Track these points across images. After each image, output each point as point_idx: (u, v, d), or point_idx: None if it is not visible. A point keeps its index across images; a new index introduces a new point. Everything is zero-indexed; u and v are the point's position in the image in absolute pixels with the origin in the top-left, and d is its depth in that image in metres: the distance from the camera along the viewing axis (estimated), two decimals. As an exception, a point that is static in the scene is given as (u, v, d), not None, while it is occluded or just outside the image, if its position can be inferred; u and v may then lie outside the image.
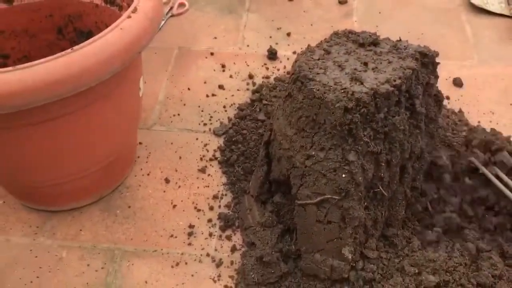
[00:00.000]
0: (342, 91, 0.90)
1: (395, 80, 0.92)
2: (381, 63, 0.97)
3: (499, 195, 1.02)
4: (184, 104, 1.39)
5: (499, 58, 1.53)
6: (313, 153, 0.95)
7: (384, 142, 0.94)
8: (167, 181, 1.21)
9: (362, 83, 0.91)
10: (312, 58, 1.00)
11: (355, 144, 0.91)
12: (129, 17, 0.88)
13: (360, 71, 0.95)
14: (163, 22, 1.64)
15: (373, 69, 0.95)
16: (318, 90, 0.92)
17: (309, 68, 0.96)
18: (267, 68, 1.50)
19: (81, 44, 0.82)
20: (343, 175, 0.92)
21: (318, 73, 0.95)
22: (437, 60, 1.05)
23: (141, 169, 1.24)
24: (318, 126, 0.93)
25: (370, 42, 1.03)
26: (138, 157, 1.26)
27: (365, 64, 0.96)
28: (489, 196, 1.03)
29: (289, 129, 0.99)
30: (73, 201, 1.14)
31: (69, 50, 0.80)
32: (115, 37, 0.84)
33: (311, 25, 1.65)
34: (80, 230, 1.12)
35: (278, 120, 1.04)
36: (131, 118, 1.08)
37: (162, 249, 1.09)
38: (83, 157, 1.02)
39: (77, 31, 1.19)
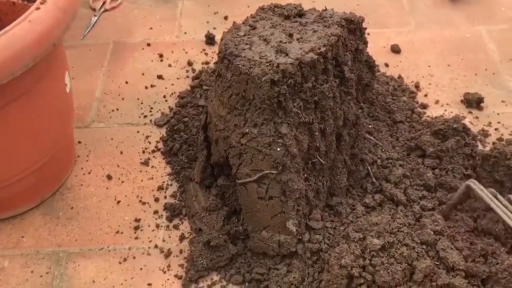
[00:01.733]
0: (268, 64, 0.89)
1: (319, 48, 0.91)
2: (306, 33, 0.96)
3: None
4: (123, 98, 1.36)
5: (435, 22, 1.55)
6: (247, 130, 0.93)
7: (316, 112, 0.93)
8: (109, 177, 1.18)
9: (287, 55, 0.90)
10: (238, 35, 0.98)
11: (286, 116, 0.90)
12: (37, 8, 0.84)
13: (285, 43, 0.94)
14: (96, 18, 1.60)
15: (298, 39, 0.94)
16: (243, 65, 0.90)
17: (235, 45, 0.95)
18: (206, 54, 1.48)
19: (-14, 40, 0.78)
20: (278, 149, 0.91)
21: (244, 49, 0.93)
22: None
23: (82, 168, 1.20)
24: (248, 103, 0.92)
25: (296, 13, 1.02)
26: (78, 156, 1.22)
27: (290, 35, 0.95)
28: None
29: (222, 109, 0.97)
30: (12, 208, 1.10)
31: (-28, 47, 0.76)
32: (23, 30, 0.81)
33: (248, 6, 1.63)
34: (22, 237, 1.08)
35: (212, 101, 1.02)
36: (61, 116, 1.04)
37: (108, 246, 1.06)
38: (12, 161, 0.98)
39: (-3, 32, 1.13)
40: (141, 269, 1.02)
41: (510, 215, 0.93)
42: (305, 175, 0.96)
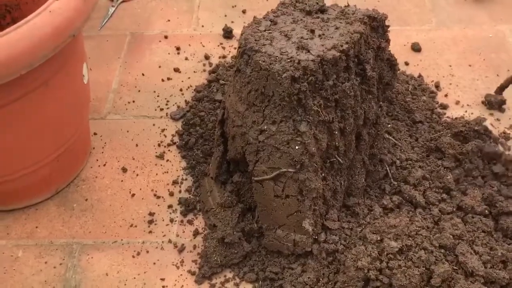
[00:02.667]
0: (289, 60, 0.87)
1: (342, 45, 0.89)
2: (328, 29, 0.94)
3: None
4: (139, 91, 1.35)
5: (457, 20, 1.52)
6: (265, 127, 0.92)
7: (336, 110, 0.92)
8: (124, 170, 1.17)
9: (308, 51, 0.89)
10: (258, 30, 0.96)
11: (305, 114, 0.89)
12: (58, -2, 0.83)
13: (306, 39, 0.92)
14: (113, 9, 1.59)
15: (319, 36, 0.92)
16: (264, 61, 0.88)
17: (255, 40, 0.93)
18: (224, 48, 1.46)
19: (6, 30, 0.77)
20: (296, 147, 0.89)
21: (264, 44, 0.92)
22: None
23: (97, 160, 1.20)
24: (267, 99, 0.90)
25: (317, 9, 1.00)
26: (93, 148, 1.22)
27: (312, 31, 0.93)
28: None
29: (240, 105, 0.96)
30: (26, 198, 1.10)
31: (-8, 36, 0.76)
32: (44, 20, 0.80)
33: (267, 0, 1.61)
34: (36, 227, 1.08)
35: (230, 97, 1.01)
36: (78, 107, 1.04)
37: (122, 240, 1.05)
38: (29, 150, 0.98)
39: (15, 21, 1.13)
40: (154, 263, 1.01)
41: None
42: (323, 175, 0.94)
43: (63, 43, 0.83)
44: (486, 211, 0.98)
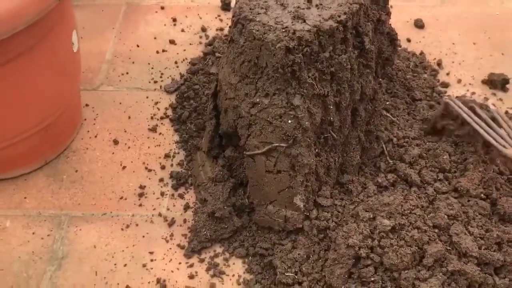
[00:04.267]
0: (283, 30, 0.84)
1: (339, 16, 0.86)
2: (326, -1, 0.90)
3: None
4: (133, 62, 1.32)
5: (462, -4, 1.47)
6: (258, 100, 0.89)
7: (331, 84, 0.88)
8: (115, 142, 1.15)
9: (304, 21, 0.85)
10: (254, -2, 0.93)
11: (299, 87, 0.86)
12: (43, -40, 0.80)
13: (303, 8, 0.88)
14: (109, -22, 1.54)
15: (317, 5, 0.89)
16: (257, 30, 0.85)
17: (250, 9, 0.89)
18: (221, 20, 1.43)
19: (-13, -9, 0.74)
20: (289, 121, 0.87)
21: (259, 13, 0.88)
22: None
23: (88, 131, 1.17)
24: (260, 71, 0.87)
25: (316, -21, 0.96)
26: (85, 119, 1.20)
27: (309, 1, 0.90)
28: None
29: (233, 77, 0.93)
30: (15, 168, 1.08)
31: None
32: (27, -18, 0.76)
33: (267, -28, 1.56)
34: (25, 197, 1.07)
35: (223, 68, 0.98)
36: (66, 75, 1.01)
37: (111, 212, 1.04)
38: (15, 119, 0.95)
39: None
40: (143, 236, 1.00)
41: (486, 128, 0.97)
42: (316, 150, 0.92)
43: (48, 8, 0.80)
44: (482, 194, 0.96)
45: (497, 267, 0.86)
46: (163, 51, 1.34)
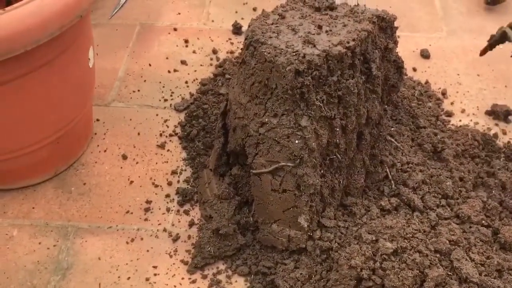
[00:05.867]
0: (294, 53, 0.87)
1: (348, 42, 0.89)
2: (336, 26, 0.94)
3: None
4: (145, 80, 1.35)
5: (468, 30, 1.51)
6: (266, 120, 0.91)
7: (338, 107, 0.91)
8: (124, 157, 1.17)
9: (314, 46, 0.88)
10: (266, 22, 0.96)
11: (307, 108, 0.88)
12: (67, -22, 0.84)
13: (313, 34, 0.92)
14: (125, -1, 1.59)
15: (327, 32, 0.92)
16: (269, 53, 0.88)
17: (262, 33, 0.93)
18: (232, 43, 1.47)
19: (14, 5, 0.78)
20: (296, 141, 0.89)
21: (270, 37, 0.91)
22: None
23: (98, 145, 1.20)
24: (270, 92, 0.90)
25: (326, 6, 1.00)
26: (95, 133, 1.22)
27: (319, 27, 0.93)
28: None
29: (243, 97, 0.96)
30: (25, 178, 1.10)
31: (0, 10, 0.76)
32: (52, -2, 0.80)
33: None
34: (33, 207, 1.08)
35: (233, 88, 1.01)
36: (81, 90, 1.04)
37: (117, 225, 1.05)
38: (29, 130, 0.98)
39: None
40: (147, 251, 1.01)
41: None
42: (322, 171, 0.94)
43: (70, 23, 0.84)
44: (483, 221, 0.97)
45: (498, 294, 0.87)
46: (175, 71, 1.38)
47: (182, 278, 0.97)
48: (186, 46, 1.45)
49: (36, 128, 0.99)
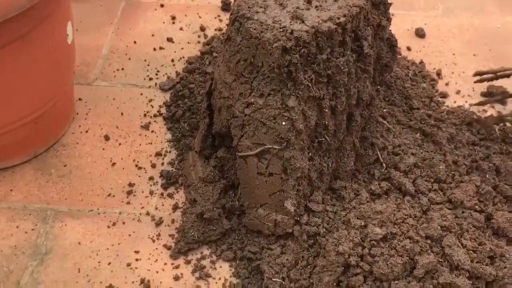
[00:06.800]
0: (281, 29, 0.82)
1: (339, 18, 0.84)
2: (326, 1, 0.89)
3: None
4: (129, 58, 1.30)
5: (465, 8, 1.46)
6: (252, 100, 0.87)
7: (328, 87, 0.87)
8: (106, 138, 1.13)
9: (303, 21, 0.84)
10: (253, -3, 0.91)
11: (295, 88, 0.84)
12: None
13: (302, 9, 0.87)
14: (110, -27, 1.53)
15: (316, 7, 0.87)
16: (255, 29, 0.84)
17: (248, 7, 0.88)
18: (221, 20, 1.41)
19: (-20, -25, 0.73)
20: (283, 123, 0.85)
21: (257, 12, 0.87)
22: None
23: (80, 126, 1.15)
24: (256, 70, 0.86)
25: (317, -20, 0.95)
26: (77, 113, 1.18)
27: (309, 2, 0.88)
28: None
29: (228, 76, 0.91)
30: (2, 159, 1.06)
31: (-36, -19, 0.71)
32: (21, -33, 0.75)
33: (269, -25, 1.55)
34: (11, 190, 1.04)
35: (219, 67, 0.96)
36: (59, 67, 0.99)
37: (98, 209, 1.01)
38: (5, 108, 0.93)
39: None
40: (129, 235, 0.97)
41: None
42: (310, 154, 0.90)
43: (42, -5, 0.78)
44: (477, 206, 0.94)
45: (489, 281, 0.84)
46: (160, 48, 1.33)
47: (165, 264, 0.93)
48: (173, 22, 1.40)
49: (11, 107, 0.94)
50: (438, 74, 1.28)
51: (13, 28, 0.80)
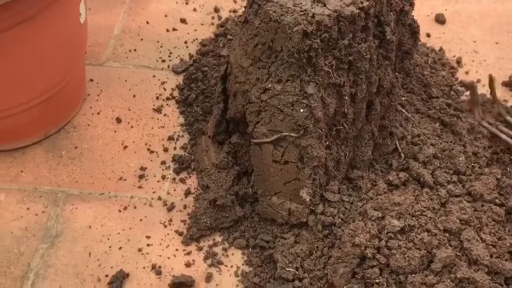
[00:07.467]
0: (302, 13, 0.79)
1: (362, 2, 0.81)
2: (348, -16, 0.85)
3: None
4: (142, 39, 1.27)
5: (487, -7, 1.42)
6: (270, 85, 0.85)
7: (348, 73, 0.84)
8: (118, 120, 1.11)
9: (324, 5, 0.80)
10: (272, -22, 0.88)
11: (315, 74, 0.81)
12: None
13: (324, -8, 0.83)
14: (123, -50, 1.49)
15: (339, -10, 0.84)
16: (274, 12, 0.81)
17: (267, -11, 0.85)
18: (235, 1, 1.38)
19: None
20: (301, 110, 0.82)
21: (276, -6, 0.83)
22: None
23: (91, 107, 1.13)
24: (274, 55, 0.83)
25: (339, -38, 0.91)
26: (89, 94, 1.16)
27: (331, -16, 0.85)
28: None
29: (245, 60, 0.89)
30: (13, 140, 1.04)
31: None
32: None
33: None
34: (21, 171, 1.03)
35: (235, 50, 0.93)
36: (72, 47, 0.97)
37: (109, 193, 1.00)
38: (15, 89, 0.91)
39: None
40: (141, 220, 0.96)
41: None
42: (327, 143, 0.88)
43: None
44: (497, 200, 0.92)
45: (508, 277, 0.82)
46: (174, 29, 1.30)
47: (176, 250, 0.92)
48: (187, 3, 1.37)
49: (23, 88, 0.92)
50: (458, 62, 1.24)
51: (24, 7, 0.78)
